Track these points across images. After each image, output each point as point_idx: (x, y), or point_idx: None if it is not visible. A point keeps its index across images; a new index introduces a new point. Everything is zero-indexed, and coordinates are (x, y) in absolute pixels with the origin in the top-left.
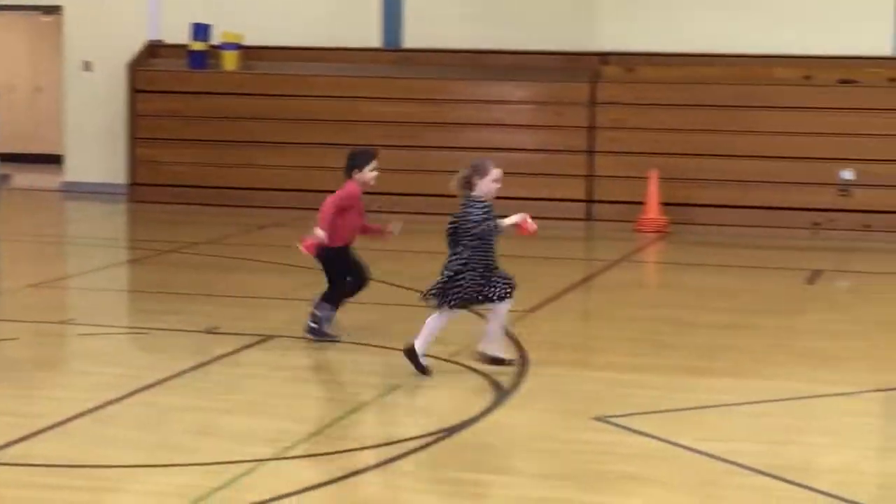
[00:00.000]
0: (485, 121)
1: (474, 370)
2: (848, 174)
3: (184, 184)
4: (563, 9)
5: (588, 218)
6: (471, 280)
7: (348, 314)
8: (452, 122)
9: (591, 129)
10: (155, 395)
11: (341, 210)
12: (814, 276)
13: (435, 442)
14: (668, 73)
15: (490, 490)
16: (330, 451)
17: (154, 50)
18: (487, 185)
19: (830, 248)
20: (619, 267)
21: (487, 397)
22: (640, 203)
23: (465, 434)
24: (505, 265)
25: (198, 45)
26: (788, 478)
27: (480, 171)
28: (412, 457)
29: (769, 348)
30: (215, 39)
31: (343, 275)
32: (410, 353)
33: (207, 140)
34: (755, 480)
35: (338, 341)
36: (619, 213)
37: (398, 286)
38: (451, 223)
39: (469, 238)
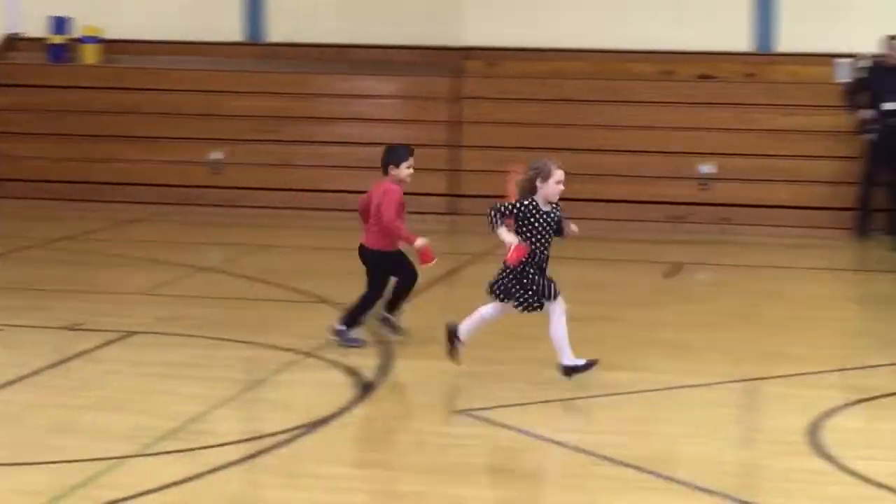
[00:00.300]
0: (349, 115)
1: (338, 364)
2: (707, 168)
3: (45, 179)
4: (426, 4)
5: (452, 212)
6: (527, 280)
7: (214, 310)
8: (317, 116)
9: (455, 123)
10: (13, 392)
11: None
12: (674, 269)
13: (298, 437)
14: (530, 68)
15: (354, 484)
16: (192, 447)
17: (12, 43)
18: (552, 188)
19: (690, 242)
20: (483, 261)
21: (351, 391)
22: (504, 197)
23: (328, 428)
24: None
25: (57, 39)
26: (649, 468)
27: (544, 174)
28: (275, 452)
29: (630, 340)
30: (75, 33)
31: (386, 282)
32: (452, 334)
33: (69, 134)
34: (617, 471)
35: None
36: (484, 208)
37: (264, 281)
38: None
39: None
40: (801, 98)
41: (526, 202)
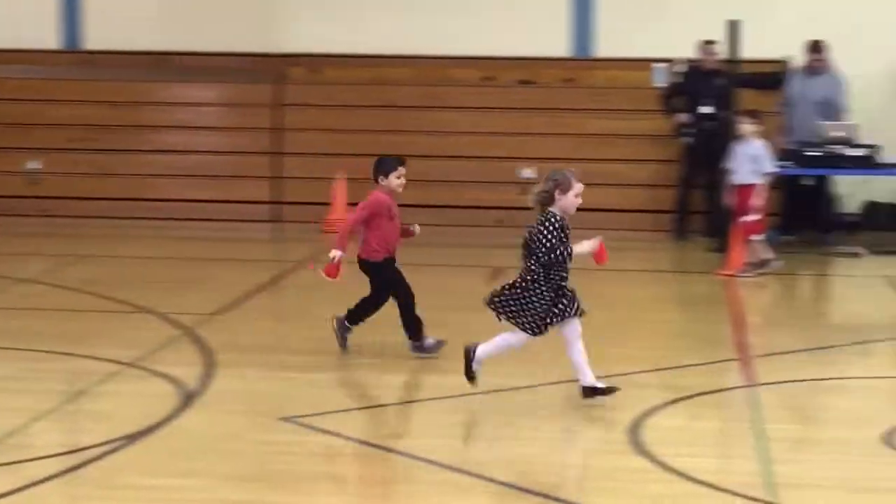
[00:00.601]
0: (170, 123)
1: (162, 374)
2: (528, 173)
3: None
4: (248, 11)
5: (275, 220)
6: (539, 302)
7: (35, 322)
8: (138, 124)
9: (278, 130)
10: None
11: (366, 221)
12: (496, 273)
13: (120, 448)
14: (353, 75)
15: (176, 494)
16: (10, 461)
17: None
18: (570, 201)
19: (514, 246)
20: (306, 268)
21: (173, 401)
22: (328, 204)
23: (150, 439)
24: (186, 267)
25: None
26: (472, 471)
27: (563, 186)
28: (96, 464)
29: (453, 345)
30: None
31: (389, 288)
32: (467, 354)
33: None
34: (441, 476)
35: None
36: (307, 214)
37: (86, 292)
38: (526, 236)
39: (538, 257)
40: (620, 102)
41: (552, 216)
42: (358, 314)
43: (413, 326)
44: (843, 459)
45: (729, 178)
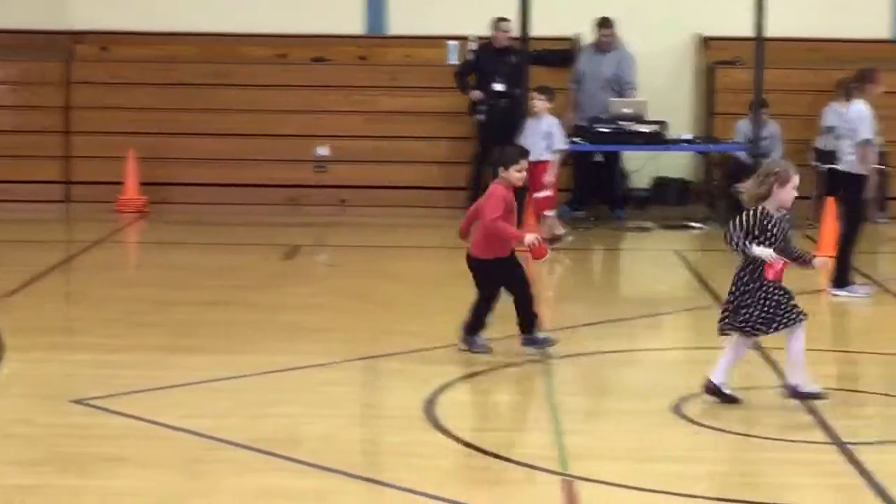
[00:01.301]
0: None
1: None
2: (323, 150)
3: None
4: None
5: (66, 200)
6: (761, 304)
7: None
8: None
9: (67, 109)
10: None
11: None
12: (292, 252)
13: None
14: (143, 52)
15: None
16: None
17: None
18: (788, 194)
19: (308, 224)
20: (98, 248)
21: None
22: (119, 183)
23: None
24: None
25: None
26: (269, 449)
27: (782, 179)
28: None
29: (249, 324)
30: None
31: (497, 288)
32: (713, 390)
33: None
34: (238, 454)
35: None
36: (98, 194)
37: None
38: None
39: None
40: (414, 80)
41: (759, 209)
42: (477, 322)
43: (527, 321)
44: (633, 430)
45: None
